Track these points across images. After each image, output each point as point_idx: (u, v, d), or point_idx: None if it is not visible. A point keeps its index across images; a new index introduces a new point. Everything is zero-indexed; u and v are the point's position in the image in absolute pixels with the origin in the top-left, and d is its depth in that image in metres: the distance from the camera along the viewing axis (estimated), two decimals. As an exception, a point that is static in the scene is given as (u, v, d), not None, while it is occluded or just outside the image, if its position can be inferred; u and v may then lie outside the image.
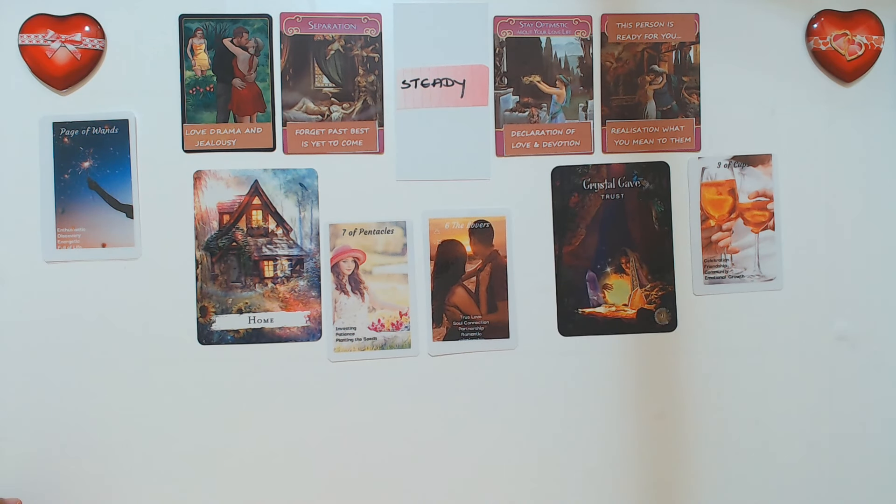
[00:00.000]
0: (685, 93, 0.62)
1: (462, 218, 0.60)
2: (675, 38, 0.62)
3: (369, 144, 0.60)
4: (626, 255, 0.62)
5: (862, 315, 0.63)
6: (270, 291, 0.59)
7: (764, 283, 0.62)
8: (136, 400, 0.58)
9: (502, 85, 0.61)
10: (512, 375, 0.59)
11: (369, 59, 0.60)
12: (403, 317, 0.60)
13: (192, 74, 0.59)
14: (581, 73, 0.61)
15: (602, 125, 0.62)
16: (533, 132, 0.61)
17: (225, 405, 0.58)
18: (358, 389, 0.59)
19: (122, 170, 0.58)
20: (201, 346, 0.59)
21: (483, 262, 0.61)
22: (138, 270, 0.58)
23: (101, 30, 0.58)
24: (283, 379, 0.59)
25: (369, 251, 0.60)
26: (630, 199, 0.62)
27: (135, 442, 0.58)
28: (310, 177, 0.59)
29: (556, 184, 0.61)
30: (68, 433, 0.57)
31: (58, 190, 0.58)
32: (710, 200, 0.62)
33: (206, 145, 0.59)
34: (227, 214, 0.59)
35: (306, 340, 0.59)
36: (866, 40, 0.62)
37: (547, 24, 0.61)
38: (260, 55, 0.59)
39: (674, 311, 0.62)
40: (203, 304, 0.59)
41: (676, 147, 0.62)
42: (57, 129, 0.58)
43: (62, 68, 0.57)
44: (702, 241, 0.62)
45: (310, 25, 0.59)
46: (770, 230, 0.62)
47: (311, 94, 0.60)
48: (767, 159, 0.62)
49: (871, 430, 0.63)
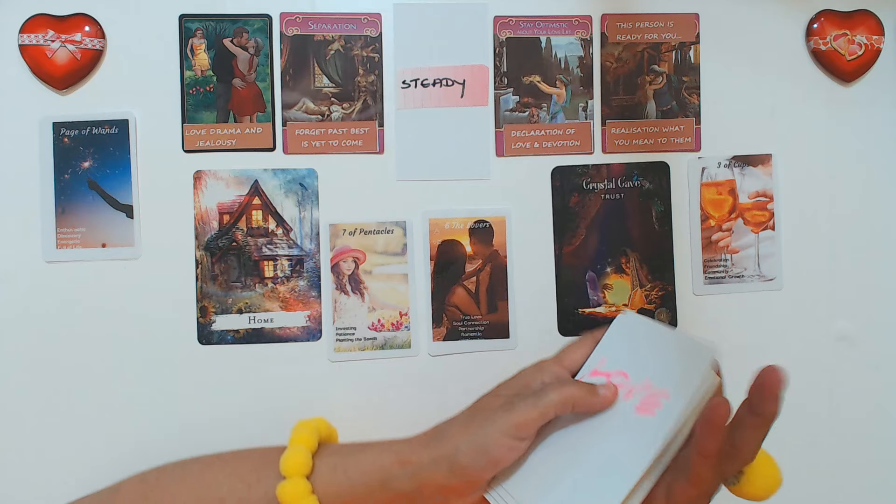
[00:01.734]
0: (685, 93, 0.62)
1: (462, 218, 0.60)
2: (675, 38, 0.62)
3: (369, 144, 0.60)
4: (626, 255, 0.62)
5: (862, 315, 0.63)
6: (270, 291, 0.59)
7: (764, 283, 0.62)
8: (136, 400, 0.58)
9: (502, 85, 0.61)
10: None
11: (369, 59, 0.60)
12: (403, 317, 0.60)
13: (192, 74, 0.59)
14: (581, 73, 0.61)
15: (602, 125, 0.62)
16: (533, 132, 0.61)
17: (225, 405, 0.58)
18: (358, 389, 0.59)
19: (122, 170, 0.58)
20: (201, 346, 0.59)
21: (483, 262, 0.61)
22: (138, 270, 0.58)
23: (101, 30, 0.58)
24: (283, 379, 0.59)
25: (369, 251, 0.60)
26: (630, 199, 0.62)
27: (135, 442, 0.58)
28: (310, 177, 0.59)
29: (556, 184, 0.61)
30: (68, 433, 0.57)
31: (58, 190, 0.58)
32: (710, 200, 0.62)
33: (206, 145, 0.59)
34: (227, 214, 0.59)
35: (306, 340, 0.59)
36: (866, 40, 0.62)
37: (547, 24, 0.61)
38: (260, 55, 0.59)
39: (674, 311, 0.62)
40: (203, 304, 0.59)
41: (676, 147, 0.62)
42: (57, 129, 0.58)
43: (62, 68, 0.57)
44: (702, 241, 0.62)
45: (310, 25, 0.59)
46: (770, 230, 0.62)
47: (311, 94, 0.60)
48: (767, 159, 0.62)
49: (871, 430, 0.63)
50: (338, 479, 0.47)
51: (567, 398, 0.45)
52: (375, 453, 0.48)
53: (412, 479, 0.46)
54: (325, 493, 0.46)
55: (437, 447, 0.46)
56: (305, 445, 0.48)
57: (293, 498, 0.45)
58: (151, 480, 0.49)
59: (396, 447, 0.48)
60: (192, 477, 0.48)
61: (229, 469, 0.48)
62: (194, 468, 0.49)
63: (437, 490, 0.46)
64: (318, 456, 0.48)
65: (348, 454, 0.48)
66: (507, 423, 0.44)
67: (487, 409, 0.47)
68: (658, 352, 0.49)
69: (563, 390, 0.46)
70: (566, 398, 0.45)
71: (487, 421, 0.45)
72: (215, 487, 0.47)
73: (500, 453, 0.44)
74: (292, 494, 0.45)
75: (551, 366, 0.50)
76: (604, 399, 0.46)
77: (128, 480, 0.50)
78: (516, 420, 0.44)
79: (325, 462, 0.48)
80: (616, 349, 0.51)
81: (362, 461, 0.47)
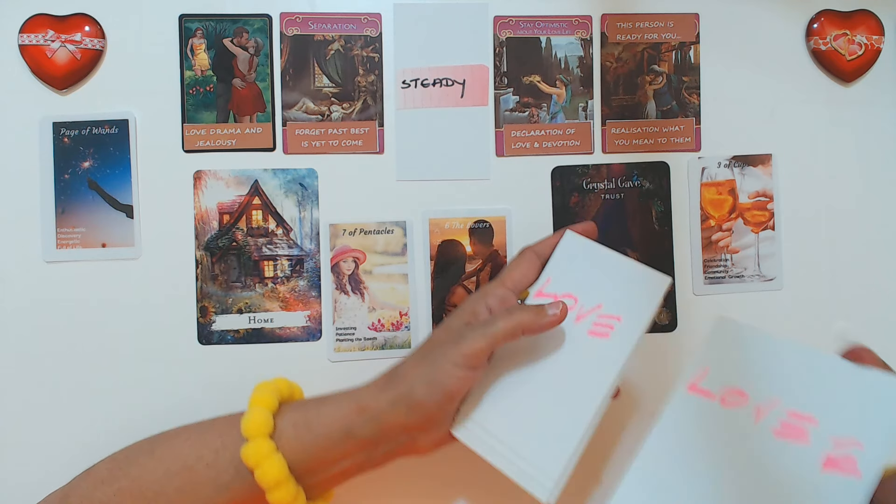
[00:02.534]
0: (685, 93, 0.62)
1: (462, 218, 0.60)
2: (675, 38, 0.62)
3: (369, 144, 0.60)
4: (627, 255, 0.61)
5: (862, 315, 0.63)
6: (270, 291, 0.59)
7: (764, 283, 0.62)
8: (136, 400, 0.58)
9: (502, 85, 0.61)
10: (512, 375, 0.59)
11: (369, 59, 0.60)
12: (403, 317, 0.60)
13: (192, 74, 0.59)
14: (581, 73, 0.61)
15: (602, 125, 0.62)
16: (533, 132, 0.61)
17: (225, 405, 0.58)
18: (358, 389, 0.59)
19: (122, 170, 0.58)
20: (201, 346, 0.59)
21: (483, 262, 0.61)
22: (138, 270, 0.58)
23: (101, 30, 0.58)
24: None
25: (369, 251, 0.60)
26: (630, 199, 0.62)
27: (135, 441, 0.57)
28: (310, 177, 0.59)
29: (556, 184, 0.61)
30: (67, 433, 0.57)
31: (58, 190, 0.58)
32: (710, 200, 0.62)
33: (206, 145, 0.59)
34: (227, 214, 0.59)
35: (306, 340, 0.59)
36: (866, 40, 0.62)
37: (547, 24, 0.61)
38: (260, 55, 0.59)
39: (674, 311, 0.62)
40: (203, 304, 0.59)
41: (676, 147, 0.62)
42: (57, 129, 0.58)
43: (62, 68, 0.57)
44: (702, 241, 0.62)
45: (310, 25, 0.59)
46: (770, 230, 0.62)
47: (311, 94, 0.60)
48: (767, 159, 0.62)
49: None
50: (300, 435, 0.47)
51: (515, 325, 0.46)
52: (335, 405, 0.48)
53: (374, 424, 0.46)
54: (289, 450, 0.47)
55: (392, 389, 0.47)
56: (265, 406, 0.48)
57: (258, 459, 0.45)
58: (120, 458, 0.49)
59: (355, 395, 0.48)
60: (159, 449, 0.49)
61: (195, 438, 0.49)
62: (161, 441, 0.50)
63: (401, 430, 0.47)
64: (279, 415, 0.48)
65: (308, 409, 0.49)
66: (458, 355, 0.45)
67: (437, 343, 0.48)
68: (609, 276, 0.50)
69: (511, 317, 0.46)
70: (514, 325, 0.46)
71: (438, 355, 0.46)
72: (183, 457, 0.48)
73: (454, 384, 0.45)
74: (256, 455, 0.46)
75: (495, 289, 0.51)
76: (553, 318, 0.47)
77: (98, 463, 0.50)
78: (466, 350, 0.45)
79: (287, 419, 0.48)
80: (563, 270, 0.52)
81: (323, 414, 0.48)
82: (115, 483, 0.47)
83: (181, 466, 0.47)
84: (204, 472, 0.47)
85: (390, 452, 0.48)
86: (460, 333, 0.46)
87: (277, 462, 0.45)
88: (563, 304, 0.48)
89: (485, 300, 0.50)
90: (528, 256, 0.53)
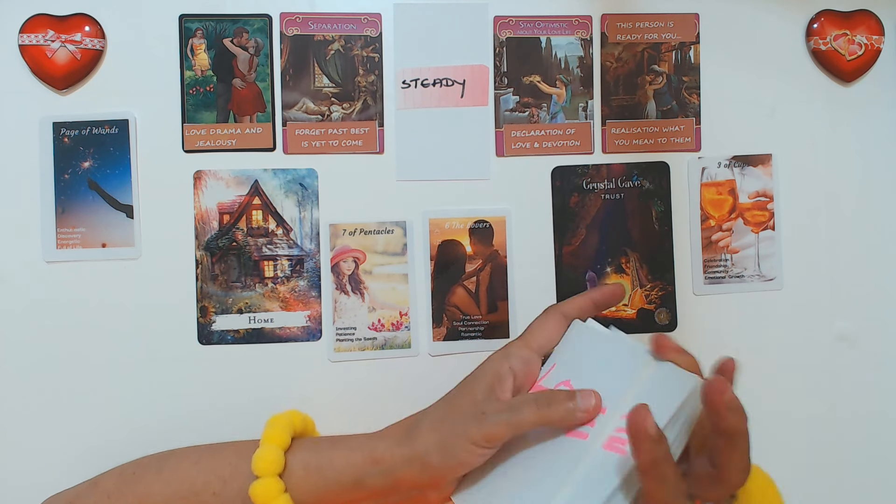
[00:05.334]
0: (685, 93, 0.62)
1: (462, 218, 0.60)
2: (675, 38, 0.62)
3: (369, 144, 0.60)
4: (626, 255, 0.62)
5: (862, 315, 0.63)
6: (270, 291, 0.59)
7: (764, 283, 0.62)
8: (136, 399, 0.58)
9: (502, 85, 0.61)
10: (512, 375, 0.59)
11: (369, 59, 0.60)
12: (403, 317, 0.60)
13: (192, 74, 0.59)
14: (581, 73, 0.61)
15: (602, 125, 0.62)
16: (533, 132, 0.61)
17: (225, 405, 0.58)
18: (358, 389, 0.59)
19: (122, 170, 0.58)
20: (201, 346, 0.59)
21: (483, 262, 0.61)
22: (138, 270, 0.58)
23: (101, 30, 0.58)
24: (283, 379, 0.59)
25: (369, 251, 0.60)
26: (630, 199, 0.62)
27: (135, 442, 0.57)
28: (310, 177, 0.59)
29: (556, 184, 0.61)
30: (67, 433, 0.57)
31: (58, 190, 0.58)
32: (710, 200, 0.62)
33: (206, 145, 0.59)
34: (227, 214, 0.59)
35: (306, 340, 0.59)
36: (866, 40, 0.62)
37: (547, 24, 0.61)
38: (260, 55, 0.59)
39: (674, 311, 0.62)
40: (203, 304, 0.59)
41: (676, 147, 0.62)
42: (57, 129, 0.58)
43: (62, 68, 0.57)
44: (702, 241, 0.62)
45: (310, 25, 0.59)
46: (770, 230, 0.62)
47: (311, 94, 0.60)
48: (767, 159, 0.62)
49: (871, 430, 0.63)
50: (310, 477, 0.47)
51: (542, 419, 0.43)
52: (348, 451, 0.47)
53: (386, 477, 0.46)
54: (298, 491, 0.46)
55: (408, 446, 0.46)
56: (277, 444, 0.48)
57: (266, 498, 0.45)
58: (128, 473, 0.49)
59: (370, 444, 0.47)
60: (168, 469, 0.49)
61: (205, 461, 0.49)
62: (171, 460, 0.50)
63: (412, 486, 0.46)
64: (291, 452, 0.48)
65: (321, 451, 0.48)
66: (478, 435, 0.43)
67: (459, 414, 0.46)
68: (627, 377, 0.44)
69: (539, 412, 0.43)
70: (541, 419, 0.43)
71: (458, 427, 0.44)
72: (190, 481, 0.48)
73: (470, 460, 0.44)
74: (265, 494, 0.45)
75: (519, 349, 0.48)
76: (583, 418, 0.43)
77: (106, 474, 0.50)
78: (486, 433, 0.43)
79: (298, 459, 0.47)
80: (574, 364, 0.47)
81: (336, 458, 0.47)
82: (122, 499, 0.48)
83: (188, 491, 0.47)
84: (210, 500, 0.47)
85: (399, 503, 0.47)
86: (483, 410, 0.44)
87: (285, 503, 0.45)
88: (597, 402, 0.43)
89: (508, 361, 0.47)
90: (554, 317, 0.49)
